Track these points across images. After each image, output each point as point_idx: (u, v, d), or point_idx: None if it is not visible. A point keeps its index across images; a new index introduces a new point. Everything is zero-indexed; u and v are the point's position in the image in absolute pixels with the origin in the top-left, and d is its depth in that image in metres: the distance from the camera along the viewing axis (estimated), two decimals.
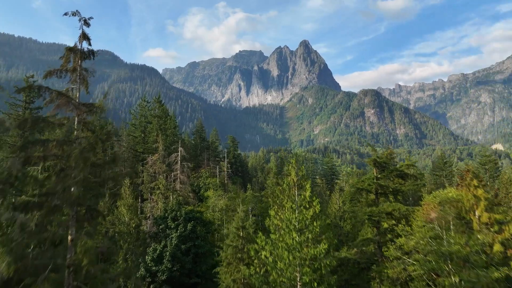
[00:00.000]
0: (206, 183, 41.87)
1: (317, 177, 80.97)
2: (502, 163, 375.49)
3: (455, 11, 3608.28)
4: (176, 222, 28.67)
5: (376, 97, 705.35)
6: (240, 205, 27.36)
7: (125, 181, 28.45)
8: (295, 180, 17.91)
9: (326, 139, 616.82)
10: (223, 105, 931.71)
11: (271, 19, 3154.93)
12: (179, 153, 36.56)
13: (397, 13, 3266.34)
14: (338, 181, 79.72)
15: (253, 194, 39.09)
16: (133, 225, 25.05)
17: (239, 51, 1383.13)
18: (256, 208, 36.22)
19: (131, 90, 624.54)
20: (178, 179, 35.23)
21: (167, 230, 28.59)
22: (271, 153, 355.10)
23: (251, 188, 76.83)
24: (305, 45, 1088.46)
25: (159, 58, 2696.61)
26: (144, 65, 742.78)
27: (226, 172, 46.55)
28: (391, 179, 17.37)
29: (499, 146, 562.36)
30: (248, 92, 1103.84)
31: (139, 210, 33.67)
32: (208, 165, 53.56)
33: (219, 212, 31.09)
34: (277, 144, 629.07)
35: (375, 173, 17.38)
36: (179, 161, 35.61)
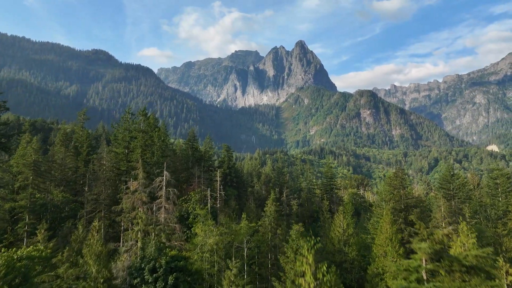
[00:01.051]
0: (195, 211, 37.41)
1: (315, 186, 77.20)
2: (498, 165, 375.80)
3: (449, 12, 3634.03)
4: (154, 275, 24.01)
5: (372, 97, 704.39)
6: (233, 258, 23.18)
7: (94, 222, 24.09)
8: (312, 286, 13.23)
9: (322, 140, 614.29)
10: (218, 105, 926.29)
11: (267, 18, 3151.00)
12: (164, 178, 32.31)
13: (393, 14, 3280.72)
14: (338, 191, 76.17)
15: (248, 225, 34.94)
16: (102, 280, 20.52)
17: (235, 51, 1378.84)
18: (252, 241, 32.25)
19: (126, 90, 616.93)
20: (163, 207, 30.81)
21: (143, 285, 23.69)
22: (267, 155, 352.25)
23: (247, 200, 72.39)
24: (301, 45, 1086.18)
25: (154, 57, 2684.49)
26: (139, 65, 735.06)
27: (218, 195, 41.20)
28: (451, 274, 12.13)
29: (494, 147, 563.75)
30: (244, 92, 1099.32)
31: (115, 247, 29.31)
32: (200, 182, 48.87)
33: (209, 253, 26.88)
34: (273, 144, 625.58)
35: (423, 265, 12.50)
36: (164, 187, 31.10)
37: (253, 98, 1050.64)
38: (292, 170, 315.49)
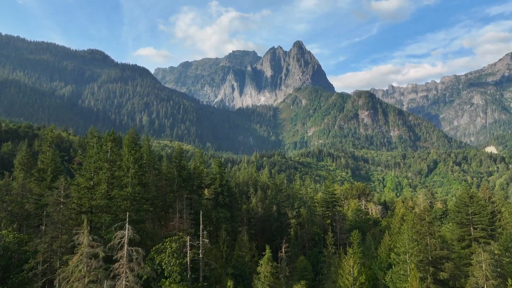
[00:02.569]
0: (171, 265, 30.12)
1: (316, 204, 71.54)
2: (497, 168, 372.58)
3: (446, 12, 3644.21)
4: None
5: (370, 98, 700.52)
6: None
7: None
8: None
9: (320, 141, 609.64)
10: (216, 106, 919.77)
11: (264, 18, 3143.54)
12: (126, 233, 24.19)
13: (392, 13, 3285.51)
14: (340, 208, 70.79)
15: None
16: None
17: (232, 51, 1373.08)
18: None
19: (122, 91, 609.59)
20: (124, 272, 23.48)
21: None
22: (265, 158, 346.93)
23: (241, 222, 66.53)
24: (299, 45, 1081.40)
25: (150, 57, 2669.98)
26: (135, 65, 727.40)
27: (201, 243, 32.19)
28: None
29: (492, 149, 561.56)
30: (241, 92, 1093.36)
31: None
32: (183, 216, 42.34)
33: None
34: (271, 146, 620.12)
35: None
36: (125, 245, 23.96)
37: (251, 98, 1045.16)
38: (290, 173, 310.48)
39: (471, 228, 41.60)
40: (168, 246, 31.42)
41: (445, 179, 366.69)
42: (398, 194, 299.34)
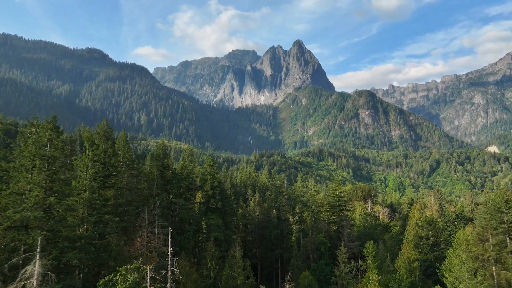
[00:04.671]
0: None
1: (322, 208, 64.31)
2: (501, 168, 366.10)
3: (445, 13, 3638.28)
4: None
5: (370, 98, 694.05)
6: None
7: None
8: None
9: (320, 140, 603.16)
10: (215, 105, 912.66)
11: (264, 17, 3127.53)
12: (35, 273, 16.44)
13: (392, 12, 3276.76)
14: (347, 212, 64.02)
15: None
16: None
17: (232, 50, 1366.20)
18: None
19: (120, 90, 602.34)
20: None
21: None
22: (264, 158, 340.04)
23: (236, 229, 59.55)
24: (298, 45, 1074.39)
25: (149, 56, 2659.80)
26: (134, 64, 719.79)
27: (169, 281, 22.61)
28: None
29: (494, 149, 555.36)
30: (241, 92, 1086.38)
31: None
32: (154, 230, 32.49)
33: None
34: (270, 145, 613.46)
35: None
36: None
37: (250, 98, 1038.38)
38: (290, 173, 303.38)
39: (507, 238, 35.20)
40: (119, 280, 21.98)
41: (448, 179, 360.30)
42: (400, 194, 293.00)
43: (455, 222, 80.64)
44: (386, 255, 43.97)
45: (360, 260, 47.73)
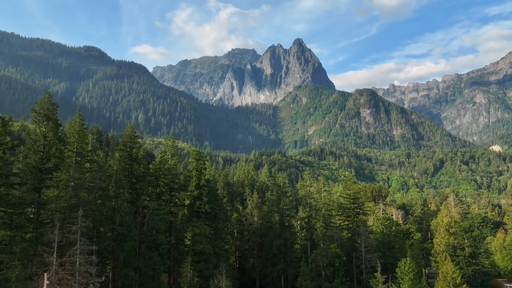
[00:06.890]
0: None
1: (333, 212, 53.97)
2: (507, 167, 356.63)
3: (445, 12, 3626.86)
4: None
5: (371, 97, 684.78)
6: None
7: None
8: None
9: (321, 140, 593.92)
10: (215, 104, 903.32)
11: (264, 14, 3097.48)
12: None
13: (394, 10, 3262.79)
14: (365, 217, 54.53)
15: None
16: None
17: (232, 49, 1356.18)
18: None
19: (118, 88, 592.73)
20: None
21: None
22: (264, 157, 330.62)
23: (229, 235, 49.81)
24: (298, 43, 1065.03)
25: (147, 54, 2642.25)
26: (132, 62, 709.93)
27: None
28: None
29: (497, 148, 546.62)
30: (240, 91, 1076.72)
31: None
32: (72, 261, 20.53)
33: None
34: (270, 145, 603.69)
35: None
36: None
37: (250, 97, 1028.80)
38: (291, 172, 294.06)
39: None
40: None
41: (452, 178, 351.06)
42: (404, 194, 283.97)
43: (480, 226, 71.05)
44: (422, 276, 34.78)
45: (380, 275, 38.47)
